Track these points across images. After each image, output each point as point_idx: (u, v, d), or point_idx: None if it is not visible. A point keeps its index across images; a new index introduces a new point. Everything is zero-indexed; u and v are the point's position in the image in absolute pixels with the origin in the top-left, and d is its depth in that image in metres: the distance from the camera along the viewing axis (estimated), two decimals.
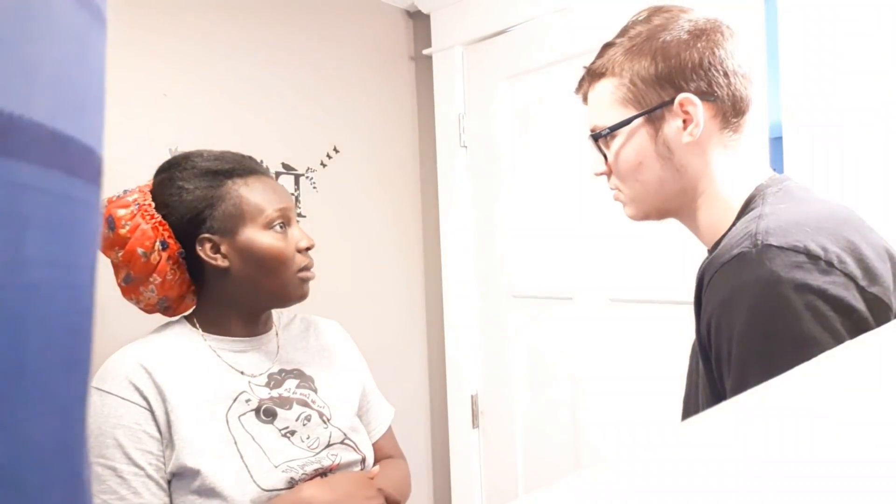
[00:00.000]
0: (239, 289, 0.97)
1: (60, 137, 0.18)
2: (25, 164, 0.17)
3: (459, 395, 1.86)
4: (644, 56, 0.73)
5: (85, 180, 0.20)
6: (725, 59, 0.72)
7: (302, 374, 1.03)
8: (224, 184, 0.95)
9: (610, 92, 0.76)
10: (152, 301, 0.98)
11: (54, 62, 0.18)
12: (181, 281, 0.98)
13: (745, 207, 0.71)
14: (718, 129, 0.74)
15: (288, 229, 0.98)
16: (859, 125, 1.14)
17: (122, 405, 0.88)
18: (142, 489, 0.86)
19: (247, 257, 0.95)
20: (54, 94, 0.18)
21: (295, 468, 0.92)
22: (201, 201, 0.94)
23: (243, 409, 0.94)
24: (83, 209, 0.20)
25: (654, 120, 0.74)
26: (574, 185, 1.60)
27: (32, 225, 0.17)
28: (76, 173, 0.19)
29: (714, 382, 0.66)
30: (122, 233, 0.92)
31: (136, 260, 0.92)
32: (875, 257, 0.62)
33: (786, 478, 0.20)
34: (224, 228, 0.94)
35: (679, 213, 0.79)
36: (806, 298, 0.57)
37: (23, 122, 0.17)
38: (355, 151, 1.79)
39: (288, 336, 1.08)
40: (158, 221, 0.93)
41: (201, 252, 0.94)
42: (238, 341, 1.00)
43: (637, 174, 0.77)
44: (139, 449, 0.87)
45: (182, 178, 0.95)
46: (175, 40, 1.41)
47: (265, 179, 1.00)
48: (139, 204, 0.94)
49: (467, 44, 1.81)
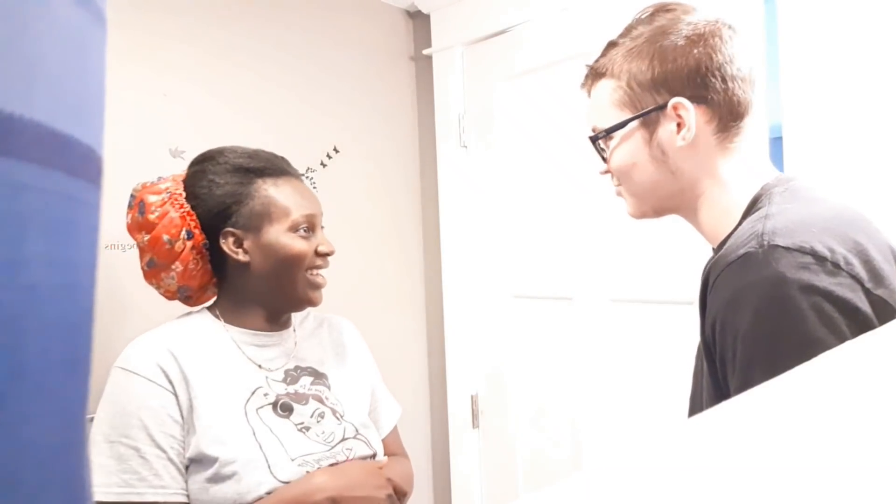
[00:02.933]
0: (256, 285, 0.99)
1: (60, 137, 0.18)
2: (25, 164, 0.17)
3: (459, 395, 1.86)
4: (642, 59, 0.74)
5: (85, 180, 0.20)
6: (724, 64, 0.72)
7: (316, 371, 1.05)
8: (254, 182, 0.98)
9: (608, 93, 0.77)
10: (172, 288, 0.99)
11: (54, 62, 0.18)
12: (203, 272, 0.99)
13: (752, 207, 0.71)
14: (714, 132, 0.73)
15: (312, 235, 1.00)
16: (859, 125, 1.14)
17: (148, 387, 0.90)
18: (162, 472, 0.88)
19: (267, 255, 0.97)
20: (54, 94, 0.18)
21: (311, 462, 0.94)
22: (230, 196, 0.96)
23: (261, 403, 0.95)
24: (83, 209, 0.20)
25: (649, 123, 0.75)
26: (574, 184, 1.60)
27: (32, 225, 0.17)
28: (76, 173, 0.19)
29: (718, 382, 0.66)
30: (150, 218, 0.95)
31: (161, 246, 0.95)
32: (882, 259, 0.62)
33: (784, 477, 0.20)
34: (249, 225, 0.97)
35: (678, 211, 0.79)
36: (812, 299, 0.57)
37: (23, 122, 0.17)
38: (355, 151, 1.78)
39: (302, 333, 1.09)
40: (187, 211, 0.96)
41: (224, 245, 0.97)
42: (258, 335, 1.01)
43: (632, 175, 0.77)
44: (163, 432, 0.89)
45: (214, 172, 0.98)
46: (175, 40, 1.41)
47: (295, 182, 1.02)
48: (170, 192, 0.97)
49: (467, 44, 1.81)
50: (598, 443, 1.57)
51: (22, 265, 0.17)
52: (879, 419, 0.24)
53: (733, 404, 0.27)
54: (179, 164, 1.40)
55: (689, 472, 0.21)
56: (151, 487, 0.87)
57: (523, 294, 1.73)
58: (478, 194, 1.82)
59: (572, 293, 1.61)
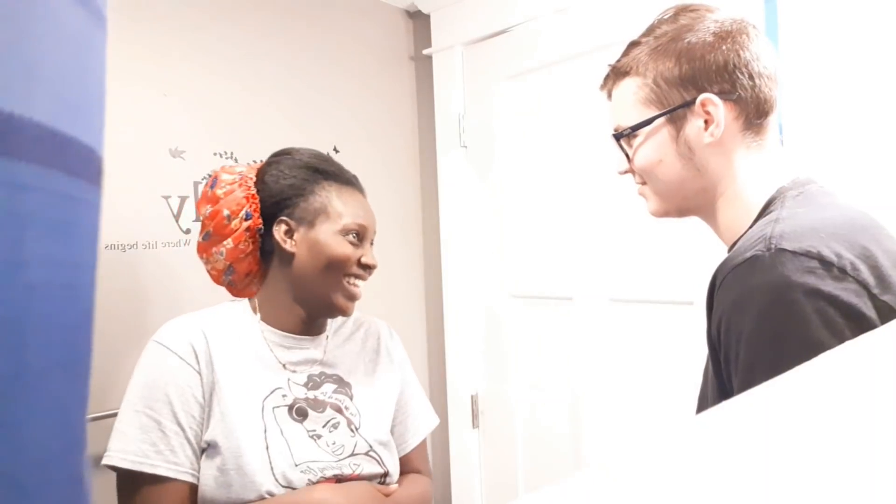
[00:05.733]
0: (297, 282, 1.00)
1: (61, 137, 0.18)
2: (26, 164, 0.17)
3: (459, 395, 1.86)
4: (668, 57, 0.74)
5: (85, 180, 0.20)
6: (751, 61, 0.72)
7: (341, 379, 1.04)
8: (320, 182, 1.01)
9: (633, 91, 0.77)
10: (219, 266, 1.01)
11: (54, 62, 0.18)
12: (251, 258, 1.01)
13: (765, 209, 0.71)
14: (741, 130, 0.74)
15: (360, 245, 1.02)
16: (860, 125, 1.14)
17: (179, 364, 0.92)
18: (178, 449, 0.90)
19: (313, 251, 0.98)
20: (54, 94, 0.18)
21: (314, 470, 0.93)
22: (294, 189, 1.00)
23: (278, 403, 0.96)
24: (83, 209, 0.20)
25: (676, 120, 0.75)
26: (574, 184, 1.60)
27: (32, 225, 0.17)
28: (76, 173, 0.19)
29: (723, 382, 0.67)
30: (217, 193, 0.99)
31: (220, 220, 0.98)
32: (890, 266, 0.61)
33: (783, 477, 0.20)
34: (303, 218, 0.99)
35: (699, 211, 0.79)
36: (816, 304, 0.57)
37: (23, 122, 0.17)
38: (355, 151, 1.78)
39: (336, 340, 1.09)
40: (252, 194, 1.00)
41: (276, 233, 0.99)
42: (290, 338, 1.02)
43: (658, 173, 0.77)
44: (185, 411, 0.91)
45: (286, 165, 1.02)
46: (175, 40, 1.41)
47: (359, 196, 1.05)
48: (243, 175, 1.02)
49: (467, 44, 1.81)
50: (598, 443, 1.57)
51: (22, 265, 0.17)
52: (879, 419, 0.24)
53: (732, 404, 0.27)
54: (179, 164, 1.40)
55: (688, 471, 0.21)
56: (166, 462, 0.88)
57: (523, 294, 1.73)
58: (478, 194, 1.82)
59: (572, 293, 1.61)
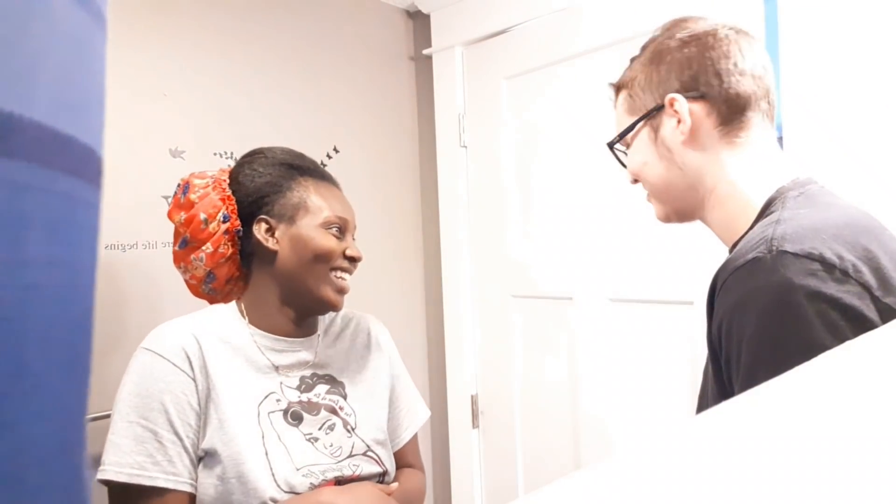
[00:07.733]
0: (281, 280, 0.98)
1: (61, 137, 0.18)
2: (26, 164, 0.17)
3: (459, 395, 1.86)
4: (645, 66, 0.78)
5: (85, 180, 0.20)
6: (718, 60, 0.73)
7: (333, 379, 1.04)
8: (295, 177, 1.00)
9: (621, 103, 0.82)
10: (199, 274, 0.99)
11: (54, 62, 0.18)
12: (231, 262, 0.99)
13: (765, 210, 0.71)
14: (716, 126, 0.74)
15: (343, 237, 1.01)
16: (860, 125, 1.14)
17: (173, 372, 0.90)
18: (176, 459, 0.88)
19: (296, 247, 0.97)
20: (54, 94, 0.18)
21: (316, 473, 0.93)
22: (270, 186, 0.99)
23: (273, 408, 0.95)
24: (84, 209, 0.20)
25: (653, 123, 0.78)
26: (574, 184, 1.60)
27: (32, 225, 0.17)
28: (76, 173, 0.19)
29: (724, 383, 0.66)
30: (191, 198, 0.97)
31: (196, 225, 0.96)
32: (892, 267, 0.61)
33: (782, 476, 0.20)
34: (283, 215, 0.98)
35: (696, 213, 0.80)
36: (818, 306, 0.57)
37: (23, 122, 0.17)
38: (355, 151, 1.78)
39: (327, 340, 1.08)
40: (227, 195, 0.98)
41: (256, 232, 0.97)
42: (280, 340, 1.00)
43: (646, 175, 0.80)
44: (181, 419, 0.89)
45: (259, 164, 1.01)
46: (175, 40, 1.41)
47: (335, 191, 1.04)
48: (215, 178, 1.00)
49: (467, 44, 1.81)
50: (598, 442, 1.57)
51: (22, 265, 0.17)
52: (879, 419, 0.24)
53: (732, 404, 0.27)
54: (179, 164, 1.40)
55: (688, 471, 0.21)
56: (164, 473, 0.86)
57: (523, 294, 1.73)
58: (478, 194, 1.82)
59: (572, 293, 1.61)
